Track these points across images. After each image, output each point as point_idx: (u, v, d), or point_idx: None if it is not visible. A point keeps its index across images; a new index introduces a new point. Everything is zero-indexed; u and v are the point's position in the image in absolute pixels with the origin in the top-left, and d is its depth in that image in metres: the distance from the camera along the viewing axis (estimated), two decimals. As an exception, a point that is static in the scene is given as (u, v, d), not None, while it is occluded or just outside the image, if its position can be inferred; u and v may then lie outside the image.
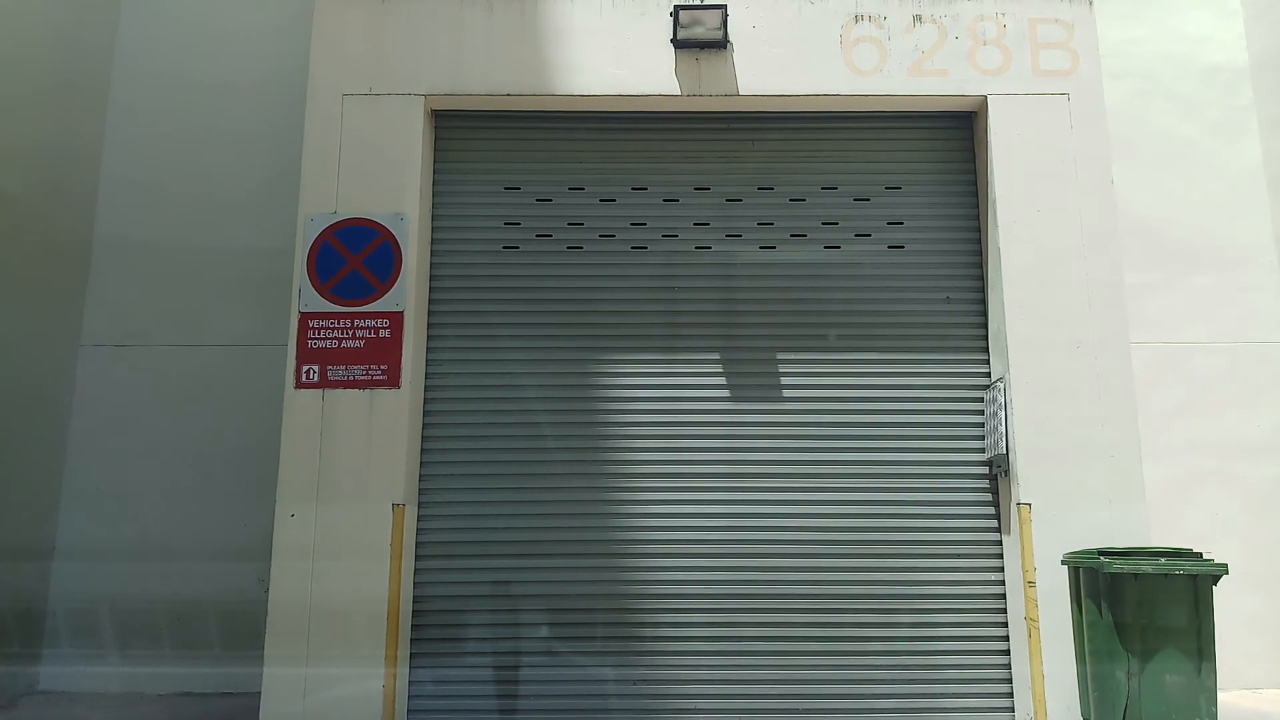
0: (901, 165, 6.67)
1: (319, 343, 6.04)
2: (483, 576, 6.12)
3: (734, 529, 6.16)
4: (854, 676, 5.97)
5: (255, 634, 8.59)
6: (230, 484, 8.90)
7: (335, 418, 5.95)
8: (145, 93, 9.84)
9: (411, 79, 6.45)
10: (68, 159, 9.28)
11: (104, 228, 9.54)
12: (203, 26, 9.96)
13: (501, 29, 6.56)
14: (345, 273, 6.13)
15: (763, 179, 6.67)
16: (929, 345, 6.40)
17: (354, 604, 5.71)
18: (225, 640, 8.61)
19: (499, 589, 6.10)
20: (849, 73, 6.50)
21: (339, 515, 5.82)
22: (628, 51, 6.54)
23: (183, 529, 8.79)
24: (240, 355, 9.15)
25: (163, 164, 9.65)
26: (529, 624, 6.06)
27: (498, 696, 5.98)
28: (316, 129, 6.36)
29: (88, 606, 8.68)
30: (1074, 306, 6.12)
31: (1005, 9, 6.57)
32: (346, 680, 5.63)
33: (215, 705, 7.84)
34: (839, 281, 6.51)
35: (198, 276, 9.34)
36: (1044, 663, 5.68)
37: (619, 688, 6.00)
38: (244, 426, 9.01)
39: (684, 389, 6.39)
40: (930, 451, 6.27)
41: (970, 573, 6.08)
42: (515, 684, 6.00)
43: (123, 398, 9.11)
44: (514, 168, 6.68)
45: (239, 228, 9.46)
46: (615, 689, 6.00)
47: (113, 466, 9.00)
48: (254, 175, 9.60)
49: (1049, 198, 6.28)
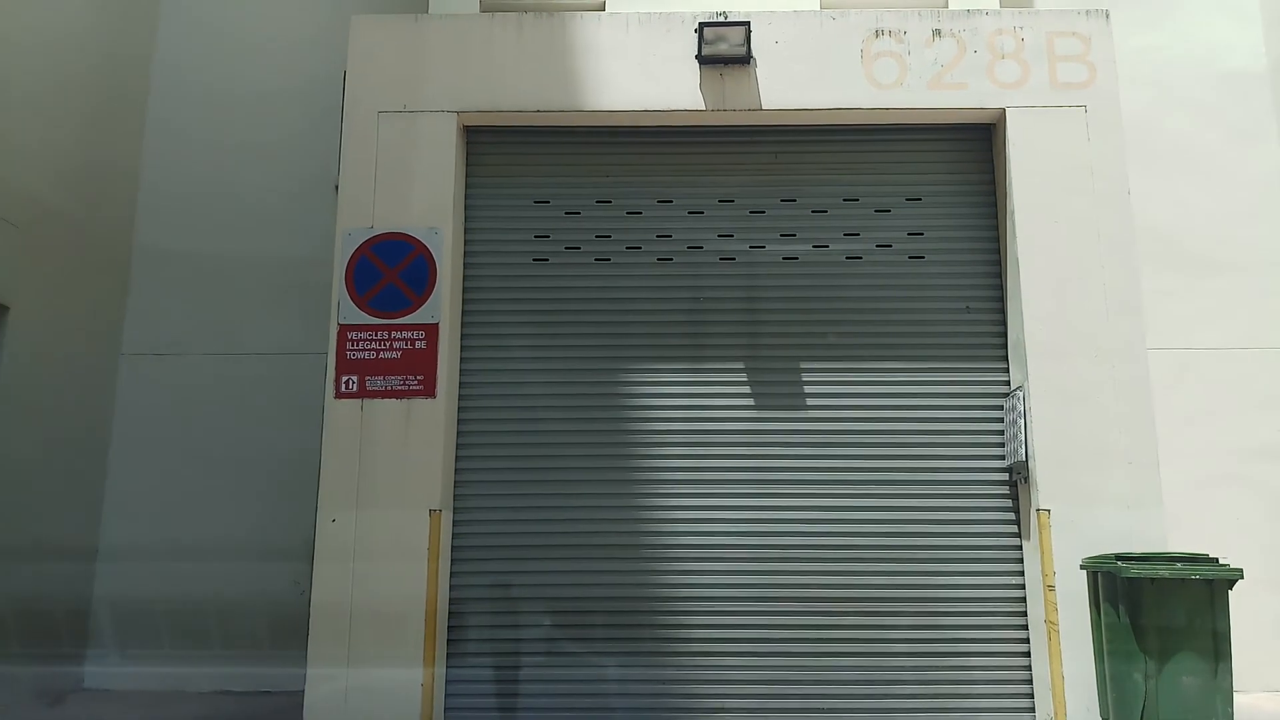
0: (921, 177, 6.81)
1: (357, 354, 6.25)
2: (516, 579, 6.31)
3: (759, 533, 6.32)
4: (877, 677, 6.11)
5: (291, 634, 8.84)
6: (266, 488, 9.15)
7: (374, 426, 6.16)
8: (181, 106, 10.11)
9: (444, 96, 6.65)
10: (108, 172, 9.55)
11: (143, 239, 9.82)
12: (236, 40, 10.21)
13: (531, 47, 6.75)
14: (382, 286, 6.33)
15: (785, 191, 6.83)
16: (949, 353, 6.54)
17: (393, 606, 5.92)
18: (262, 640, 8.86)
19: (532, 590, 6.29)
20: (870, 86, 6.65)
21: (378, 520, 6.03)
22: (654, 68, 6.71)
23: (220, 532, 9.06)
24: (275, 363, 9.40)
25: (199, 176, 9.92)
26: (561, 625, 6.25)
27: (531, 695, 6.17)
28: (353, 146, 6.56)
29: (129, 607, 8.95)
30: (1092, 315, 6.25)
31: (1023, 23, 6.70)
32: (386, 680, 5.83)
33: (254, 704, 8.08)
34: (861, 291, 6.66)
35: (234, 286, 9.60)
36: (1063, 664, 5.81)
37: (649, 687, 6.18)
38: (279, 433, 9.26)
39: (709, 396, 6.56)
40: (951, 458, 6.41)
41: (991, 576, 6.22)
42: (548, 683, 6.18)
43: (162, 405, 9.38)
44: (543, 182, 6.87)
45: (273, 237, 9.71)
46: (645, 688, 6.18)
47: (152, 471, 9.27)
48: (287, 185, 9.85)
49: (1067, 208, 6.40)
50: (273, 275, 9.56)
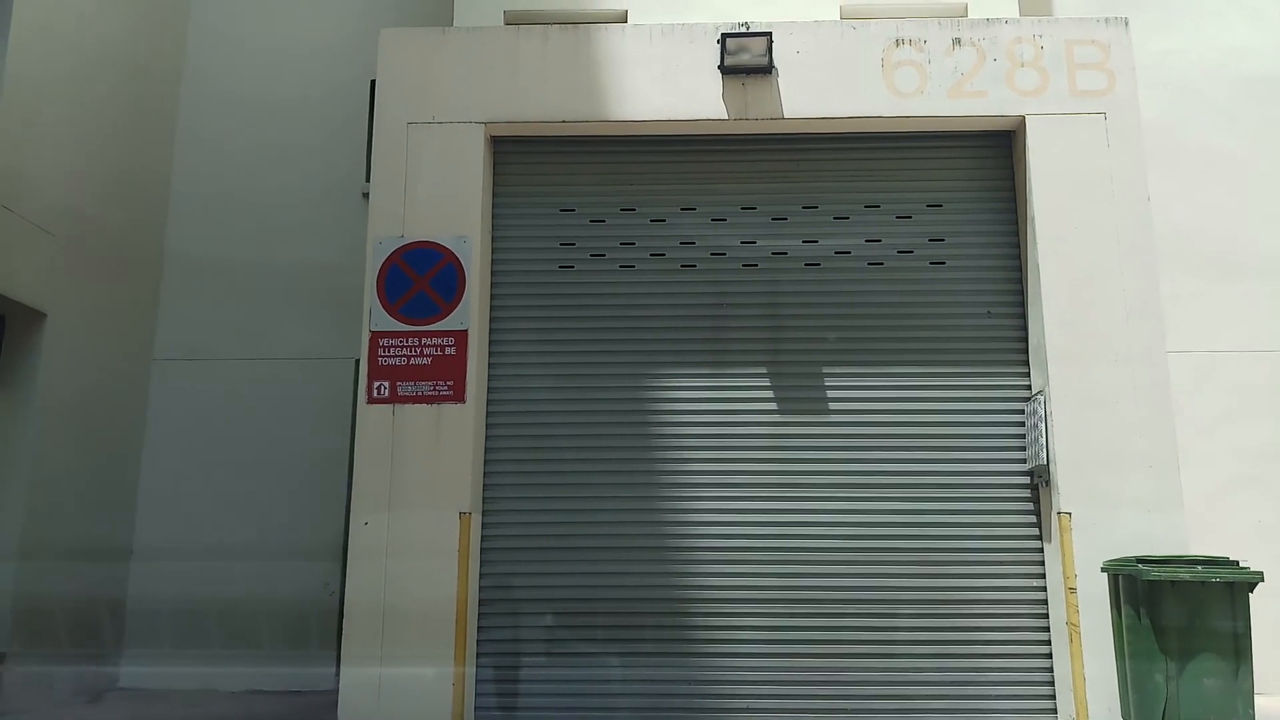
0: (942, 183, 6.90)
1: (389, 360, 6.39)
2: (544, 579, 6.43)
3: (781, 535, 6.42)
4: (901, 678, 6.19)
5: (320, 635, 9.02)
6: (294, 490, 9.33)
7: (405, 431, 6.30)
8: (210, 115, 10.32)
9: (472, 108, 6.78)
10: (139, 180, 9.75)
11: (173, 246, 10.02)
12: (261, 50, 10.41)
13: (556, 58, 6.87)
14: (413, 293, 6.47)
15: (807, 198, 6.93)
16: (971, 358, 6.62)
17: (425, 606, 6.05)
18: (292, 640, 9.03)
19: (558, 591, 6.41)
20: (890, 95, 6.74)
21: (409, 522, 6.17)
22: (677, 78, 6.83)
23: (250, 533, 9.24)
24: (302, 368, 9.58)
25: (226, 183, 10.12)
26: (587, 625, 6.36)
27: (556, 694, 6.29)
28: (383, 157, 6.70)
29: (162, 607, 9.14)
30: (1112, 321, 6.31)
31: (1042, 31, 6.77)
32: (418, 678, 5.97)
33: (285, 703, 8.24)
34: (882, 296, 6.75)
35: (261, 292, 9.79)
36: (1085, 665, 5.87)
37: (673, 687, 6.28)
38: (307, 436, 9.44)
39: (732, 400, 6.66)
40: (972, 461, 6.48)
41: (1013, 578, 6.30)
42: (573, 682, 6.30)
43: (192, 408, 9.58)
44: (569, 190, 6.99)
45: (299, 243, 9.90)
46: (670, 688, 6.28)
47: (184, 473, 9.47)
48: (312, 192, 10.03)
49: (1087, 214, 6.47)
50: (299, 281, 9.75)
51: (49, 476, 8.21)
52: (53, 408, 8.27)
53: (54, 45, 8.36)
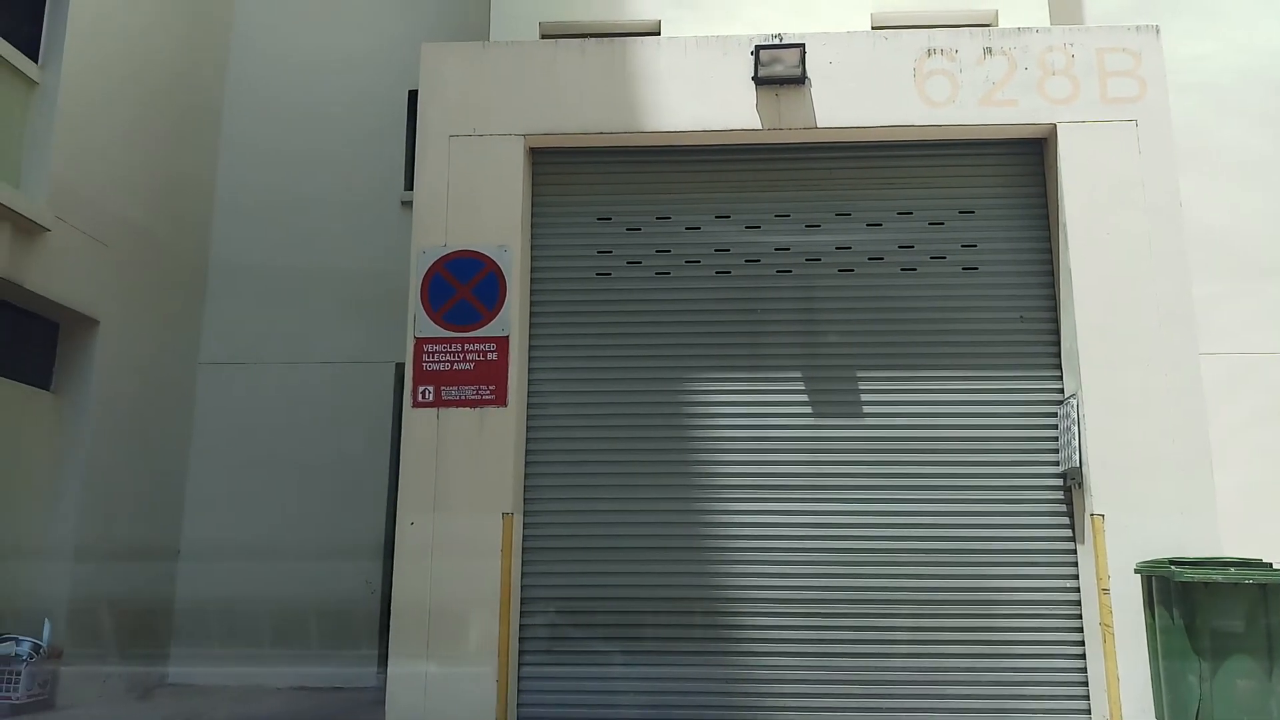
0: (974, 190, 6.99)
1: (433, 365, 6.57)
2: (583, 579, 6.58)
3: (818, 536, 6.53)
4: (936, 678, 6.29)
5: (362, 633, 9.24)
6: (336, 491, 9.56)
7: (449, 434, 6.48)
8: (252, 123, 10.58)
9: (511, 120, 6.95)
10: (185, 189, 10.02)
11: (218, 252, 10.29)
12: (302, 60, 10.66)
13: (593, 71, 7.03)
14: (455, 301, 6.66)
15: (841, 205, 7.05)
16: (1004, 362, 6.71)
17: (469, 605, 6.23)
18: (335, 638, 9.25)
19: (598, 590, 6.56)
20: (922, 104, 6.84)
21: (454, 523, 6.34)
22: (711, 89, 6.97)
23: (294, 534, 9.47)
24: (344, 371, 9.82)
25: (269, 190, 10.38)
26: (625, 624, 6.50)
27: (596, 691, 6.44)
28: (426, 169, 6.88)
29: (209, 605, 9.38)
30: (1144, 325, 6.39)
31: (1073, 39, 6.85)
32: (464, 676, 6.14)
33: (330, 699, 8.45)
34: (916, 302, 6.85)
35: (303, 298, 10.04)
36: (1119, 666, 5.93)
37: (709, 685, 6.41)
38: (348, 438, 9.67)
39: (768, 403, 6.78)
40: (1006, 464, 6.57)
41: (1046, 579, 6.38)
42: (613, 680, 6.44)
43: (238, 412, 9.84)
44: (605, 200, 7.15)
45: (339, 250, 10.14)
46: (705, 686, 6.41)
47: (230, 475, 9.73)
48: (352, 199, 10.27)
49: (1118, 221, 6.55)
50: (339, 286, 9.99)
51: (101, 479, 8.48)
52: (105, 412, 8.53)
53: (105, 61, 8.63)
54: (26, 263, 7.60)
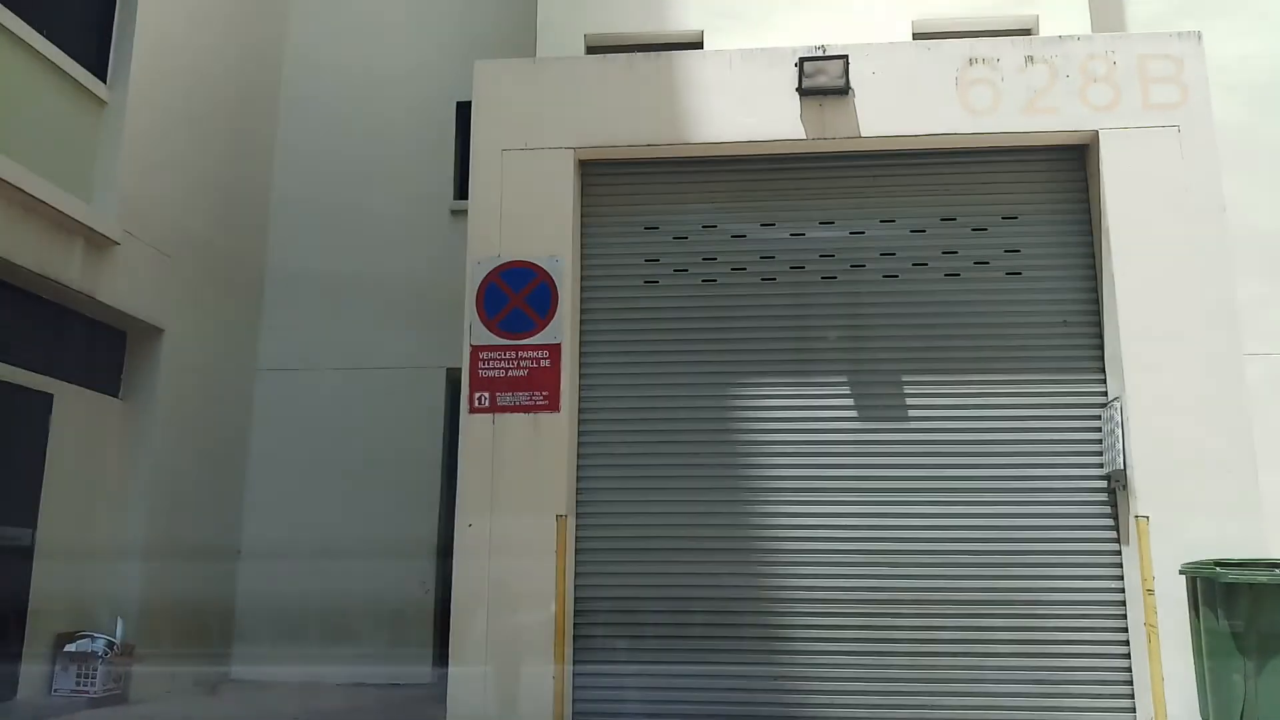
0: (1017, 196, 7.09)
1: (488, 372, 6.80)
2: (635, 580, 6.77)
3: (865, 537, 6.66)
4: (982, 677, 6.39)
5: (416, 631, 9.50)
6: (390, 493, 9.84)
7: (505, 439, 6.70)
8: (305, 135, 10.90)
9: (562, 134, 7.16)
10: (242, 200, 10.36)
11: (274, 262, 10.61)
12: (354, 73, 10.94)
13: (641, 84, 7.22)
14: (509, 310, 6.88)
15: (884, 212, 7.17)
16: (1047, 366, 6.80)
17: (526, 605, 6.44)
18: (390, 636, 9.53)
19: (649, 591, 6.74)
20: (965, 113, 6.96)
21: (510, 525, 6.56)
22: (756, 101, 7.13)
23: (350, 534, 9.76)
24: (397, 376, 10.09)
25: (322, 200, 10.69)
26: (677, 623, 6.67)
27: (648, 689, 6.62)
28: (480, 182, 7.11)
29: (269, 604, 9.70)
30: (1188, 329, 6.46)
31: (1115, 47, 6.93)
32: (521, 675, 6.36)
33: (389, 695, 8.72)
34: (960, 307, 6.96)
35: (357, 304, 10.33)
36: (1163, 666, 6.01)
37: (759, 684, 6.56)
38: (403, 441, 9.95)
39: (815, 408, 6.92)
40: (1050, 466, 6.66)
41: (1091, 580, 6.46)
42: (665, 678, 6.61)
43: (295, 416, 10.15)
44: (653, 209, 7.33)
45: (391, 258, 10.42)
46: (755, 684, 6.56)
47: (287, 477, 10.04)
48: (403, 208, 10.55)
49: (1161, 225, 6.62)
50: (392, 294, 10.28)
51: (167, 482, 8.82)
52: (170, 417, 8.87)
53: (168, 80, 8.97)
54: (97, 275, 7.95)
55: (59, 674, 7.70)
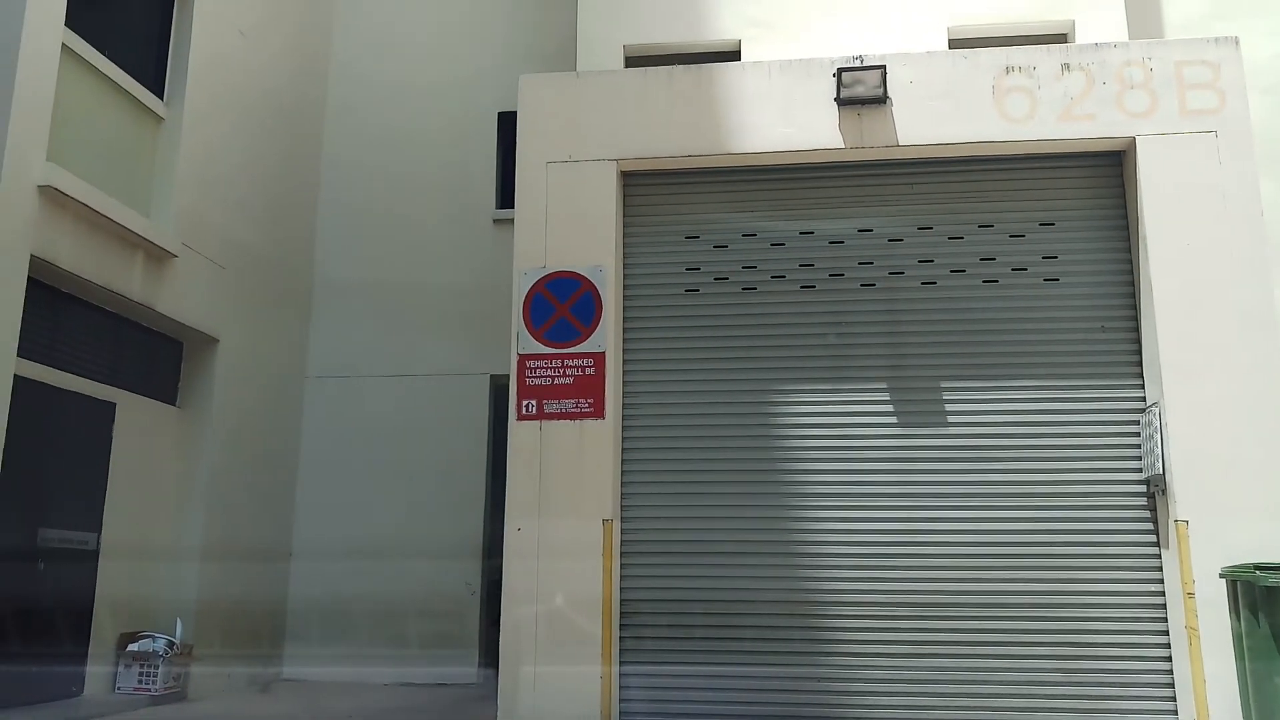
0: (1054, 203, 7.16)
1: (535, 380, 6.99)
2: (678, 582, 6.92)
3: (907, 541, 6.76)
4: (1025, 679, 6.47)
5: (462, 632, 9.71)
6: (436, 496, 10.07)
7: (551, 445, 6.88)
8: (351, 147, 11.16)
9: (604, 146, 7.34)
10: (291, 210, 10.63)
11: (322, 272, 10.87)
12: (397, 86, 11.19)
13: (681, 97, 7.38)
14: (555, 320, 7.06)
15: (922, 219, 7.27)
16: (1086, 372, 6.87)
17: (573, 607, 6.63)
18: (436, 636, 9.75)
19: (692, 593, 6.89)
20: (1001, 121, 7.04)
21: (557, 529, 6.74)
22: (794, 111, 7.26)
23: (397, 537, 10.00)
24: (442, 383, 10.31)
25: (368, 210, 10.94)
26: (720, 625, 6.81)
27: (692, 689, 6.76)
28: (526, 195, 7.30)
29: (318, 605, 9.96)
30: (1225, 333, 6.50)
31: (1151, 53, 6.99)
32: (569, 675, 6.54)
33: (436, 695, 8.93)
34: (998, 313, 7.04)
35: (402, 313, 10.57)
36: (1205, 668, 6.07)
37: (800, 685, 6.69)
38: (448, 445, 10.17)
39: (854, 413, 7.03)
40: (1090, 470, 6.73)
41: (1132, 583, 6.52)
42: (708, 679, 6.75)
43: (343, 422, 10.41)
44: (693, 219, 7.48)
45: (435, 268, 10.65)
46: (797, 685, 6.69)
47: (337, 481, 10.30)
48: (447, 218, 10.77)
49: (1199, 231, 6.67)
50: (437, 302, 10.51)
51: (222, 486, 9.10)
52: (224, 424, 9.15)
53: (221, 95, 9.25)
54: (157, 287, 8.23)
55: (122, 672, 7.99)
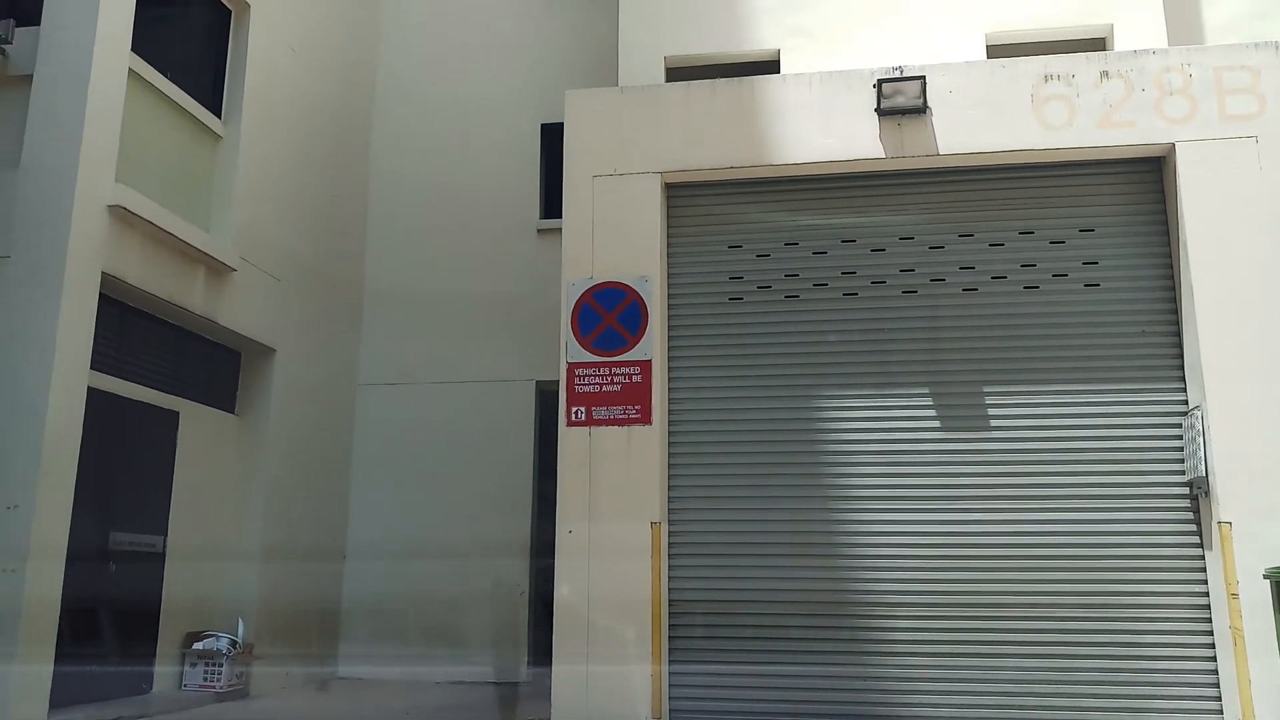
0: (1094, 209, 7.24)
1: (584, 388, 7.20)
2: (724, 584, 7.09)
3: (952, 544, 6.88)
4: (1072, 679, 6.56)
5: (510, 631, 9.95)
6: (485, 500, 10.31)
7: (600, 450, 7.08)
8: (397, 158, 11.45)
9: (649, 159, 7.53)
10: (340, 221, 10.94)
11: (372, 282, 11.17)
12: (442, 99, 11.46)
13: (723, 109, 7.55)
14: (602, 329, 7.27)
15: (963, 227, 7.39)
16: (1128, 376, 6.94)
17: (623, 608, 6.82)
18: (485, 636, 9.99)
19: (738, 595, 7.06)
20: (1040, 129, 7.14)
21: (607, 531, 6.94)
22: (835, 122, 7.40)
23: (446, 539, 10.26)
24: (490, 390, 10.56)
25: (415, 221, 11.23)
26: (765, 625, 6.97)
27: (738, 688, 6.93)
28: (573, 208, 7.51)
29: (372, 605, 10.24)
30: (1266, 336, 6.56)
31: (1190, 59, 7.05)
32: (620, 674, 6.73)
33: (487, 693, 9.17)
34: (1039, 318, 7.14)
35: (451, 322, 10.84)
36: (1250, 669, 6.13)
37: (844, 683, 6.83)
38: (495, 449, 10.42)
39: (897, 418, 7.16)
40: (1133, 473, 6.80)
41: (1176, 584, 6.60)
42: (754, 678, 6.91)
43: (396, 428, 10.69)
44: (736, 228, 7.65)
45: (482, 277, 10.91)
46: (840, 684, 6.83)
47: (388, 485, 10.58)
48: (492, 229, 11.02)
49: (1238, 235, 6.73)
50: (483, 311, 10.76)
51: (280, 491, 9.40)
52: (281, 431, 9.46)
53: (276, 113, 9.56)
54: (217, 300, 8.54)
55: (188, 670, 8.31)
